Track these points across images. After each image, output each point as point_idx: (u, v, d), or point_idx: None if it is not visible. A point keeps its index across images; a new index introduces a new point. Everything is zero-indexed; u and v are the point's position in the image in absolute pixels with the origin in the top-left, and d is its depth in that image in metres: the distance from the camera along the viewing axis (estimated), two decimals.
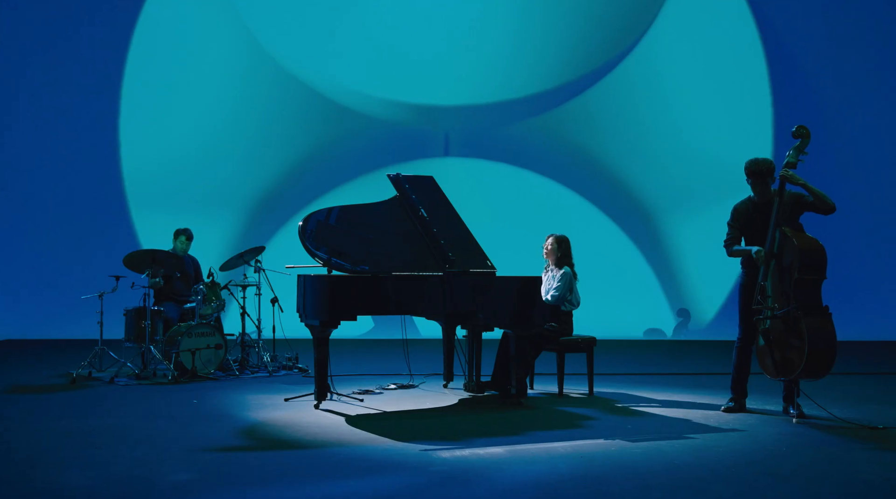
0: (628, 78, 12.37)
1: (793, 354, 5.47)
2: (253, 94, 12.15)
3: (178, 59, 12.00)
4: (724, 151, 11.73)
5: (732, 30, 12.25)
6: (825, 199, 5.60)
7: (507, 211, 12.00)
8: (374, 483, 4.11)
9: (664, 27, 12.31)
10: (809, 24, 12.20)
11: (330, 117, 12.26)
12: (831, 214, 5.65)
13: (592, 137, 12.46)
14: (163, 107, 11.98)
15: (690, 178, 12.24)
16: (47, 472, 4.27)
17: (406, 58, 12.19)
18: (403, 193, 6.58)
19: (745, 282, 5.90)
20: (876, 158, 12.11)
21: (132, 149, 11.89)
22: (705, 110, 12.30)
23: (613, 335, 11.10)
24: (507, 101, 12.37)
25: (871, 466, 4.50)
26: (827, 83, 12.18)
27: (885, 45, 12.11)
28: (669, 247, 12.44)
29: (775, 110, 12.06)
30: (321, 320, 5.98)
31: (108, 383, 7.25)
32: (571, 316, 6.88)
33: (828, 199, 5.60)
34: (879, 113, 12.12)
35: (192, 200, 11.78)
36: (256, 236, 11.41)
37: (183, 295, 8.17)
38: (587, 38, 12.36)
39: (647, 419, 5.76)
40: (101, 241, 11.53)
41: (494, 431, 5.39)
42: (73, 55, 11.75)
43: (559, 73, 12.32)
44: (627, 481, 4.14)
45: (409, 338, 7.62)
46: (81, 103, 11.80)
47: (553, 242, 6.91)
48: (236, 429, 5.37)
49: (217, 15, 12.08)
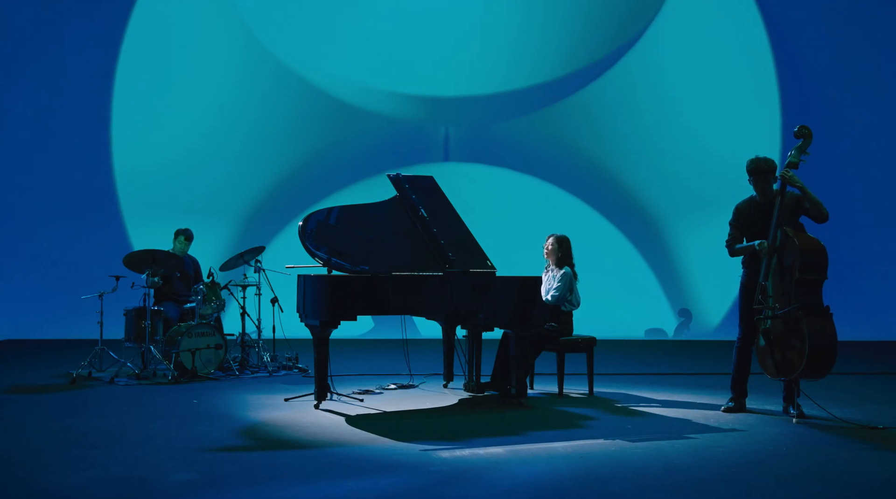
0: (629, 77, 12.30)
1: (793, 354, 5.47)
2: (251, 90, 12.11)
3: (174, 55, 11.95)
4: (728, 151, 11.51)
5: (739, 27, 12.11)
6: (820, 207, 5.61)
7: (506, 214, 11.94)
8: (374, 483, 4.11)
9: (667, 22, 12.22)
10: (818, 22, 12.05)
11: (330, 118, 12.22)
12: (823, 222, 5.66)
13: (593, 138, 12.42)
14: (159, 105, 11.93)
15: (693, 179, 12.12)
16: (47, 472, 4.27)
17: (406, 49, 12.13)
18: (403, 192, 6.58)
19: (745, 281, 5.90)
20: (877, 159, 12.09)
21: (132, 149, 11.87)
22: (709, 109, 12.19)
23: (614, 335, 11.09)
24: (509, 92, 12.28)
25: (871, 466, 4.50)
26: (835, 81, 12.08)
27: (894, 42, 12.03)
28: (674, 249, 12.38)
29: (783, 110, 11.97)
30: (321, 320, 5.98)
31: (108, 382, 7.24)
32: (571, 316, 6.88)
33: (822, 207, 5.61)
34: (881, 113, 12.09)
35: (191, 200, 11.77)
36: (256, 236, 11.41)
37: (183, 295, 8.17)
38: (589, 29, 12.28)
39: (647, 419, 5.76)
40: (102, 241, 11.53)
41: (494, 431, 5.39)
42: (71, 52, 11.73)
43: (561, 64, 12.23)
44: (627, 481, 4.14)
45: (409, 338, 7.62)
46: (79, 101, 11.79)
47: (553, 241, 6.91)
48: (236, 429, 5.37)
49: (212, 9, 12.03)
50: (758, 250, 5.66)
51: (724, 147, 11.84)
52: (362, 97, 12.23)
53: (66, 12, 11.72)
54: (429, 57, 12.16)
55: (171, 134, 11.93)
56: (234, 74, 12.10)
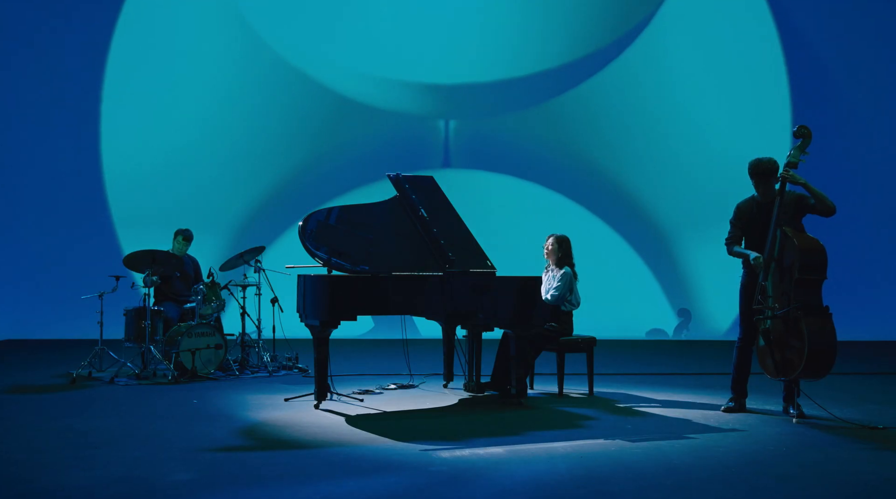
0: (632, 73, 12.20)
1: (793, 354, 5.47)
2: (251, 89, 12.05)
3: (169, 49, 11.92)
4: (734, 150, 11.26)
5: (747, 23, 11.99)
6: (825, 200, 5.59)
7: (507, 219, 11.88)
8: (374, 483, 4.11)
9: (671, 14, 12.12)
10: (829, 15, 11.93)
11: (331, 116, 12.19)
12: (831, 215, 5.63)
13: (592, 138, 12.39)
14: (157, 104, 11.85)
15: (698, 180, 12.01)
16: (47, 472, 4.27)
17: (407, 36, 12.05)
18: (403, 192, 6.58)
19: (745, 282, 5.91)
20: (878, 159, 12.07)
21: (130, 148, 11.85)
22: (715, 106, 12.06)
23: (614, 335, 11.09)
24: (511, 79, 12.19)
25: (871, 466, 4.50)
26: (846, 78, 11.99)
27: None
28: (680, 252, 12.27)
29: (793, 108, 11.87)
30: (321, 320, 5.98)
31: (108, 382, 7.24)
32: (571, 316, 6.88)
33: (828, 200, 5.60)
34: (882, 112, 12.07)
35: (191, 200, 11.76)
36: (256, 236, 11.40)
37: (183, 295, 8.17)
38: (592, 16, 12.21)
39: (647, 419, 5.76)
40: (102, 240, 11.52)
41: (494, 431, 5.39)
42: (70, 49, 11.71)
43: (563, 51, 12.14)
44: (627, 481, 4.14)
45: (409, 338, 7.62)
46: (77, 99, 11.77)
47: (553, 241, 6.91)
48: (236, 429, 5.37)
49: (206, 4, 11.96)
50: (753, 265, 5.65)
51: (730, 146, 11.63)
52: (363, 87, 12.10)
53: (53, 13, 11.65)
54: (432, 45, 12.05)
55: (170, 133, 11.88)
56: (232, 70, 12.02)
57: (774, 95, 11.99)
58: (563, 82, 12.30)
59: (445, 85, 12.22)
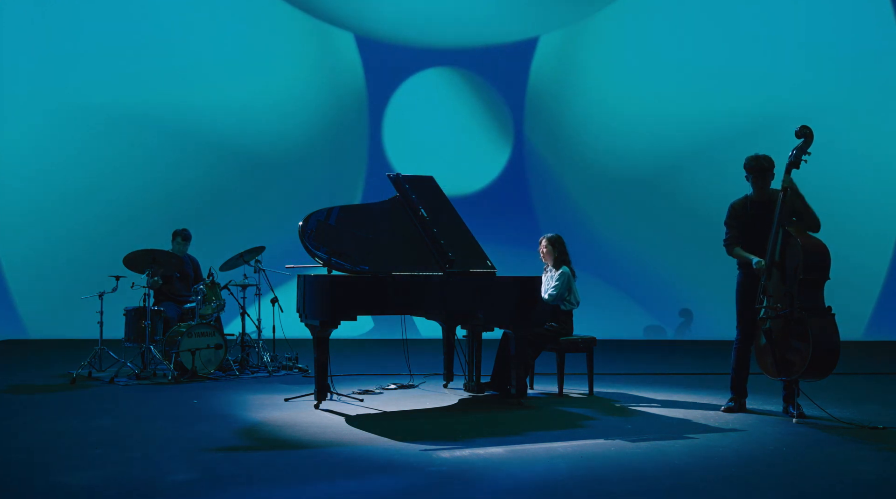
0: (626, 70, 12.24)
1: (794, 355, 5.46)
2: (251, 86, 12.10)
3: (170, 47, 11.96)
4: (734, 150, 11.39)
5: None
6: (814, 218, 5.59)
7: (503, 218, 11.88)
8: (374, 483, 4.11)
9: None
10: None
11: (330, 111, 12.19)
12: (815, 232, 5.65)
13: (593, 138, 12.39)
14: (155, 102, 11.91)
15: (700, 186, 12.00)
16: (47, 472, 4.27)
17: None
18: (403, 192, 6.58)
19: (742, 281, 5.89)
20: (879, 158, 12.06)
21: (129, 148, 11.84)
22: (715, 110, 12.09)
23: (614, 335, 11.08)
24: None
25: (871, 466, 4.50)
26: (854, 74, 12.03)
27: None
28: (682, 253, 12.24)
29: (794, 107, 11.85)
30: (321, 320, 5.98)
31: (108, 383, 7.24)
32: (571, 316, 6.88)
33: (816, 218, 5.60)
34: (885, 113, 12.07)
35: (191, 200, 11.75)
36: (256, 236, 11.38)
37: (183, 295, 8.17)
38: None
39: (647, 419, 5.76)
40: (102, 241, 11.51)
41: (494, 431, 5.39)
42: (69, 49, 11.73)
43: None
44: (627, 481, 4.14)
45: (409, 338, 7.61)
46: (78, 99, 11.78)
47: (546, 243, 6.89)
48: (236, 429, 5.37)
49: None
50: (755, 269, 5.64)
51: (730, 146, 11.63)
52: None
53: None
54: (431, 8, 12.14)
55: (170, 133, 11.89)
56: (231, 68, 12.06)
57: (775, 95, 11.97)
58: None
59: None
